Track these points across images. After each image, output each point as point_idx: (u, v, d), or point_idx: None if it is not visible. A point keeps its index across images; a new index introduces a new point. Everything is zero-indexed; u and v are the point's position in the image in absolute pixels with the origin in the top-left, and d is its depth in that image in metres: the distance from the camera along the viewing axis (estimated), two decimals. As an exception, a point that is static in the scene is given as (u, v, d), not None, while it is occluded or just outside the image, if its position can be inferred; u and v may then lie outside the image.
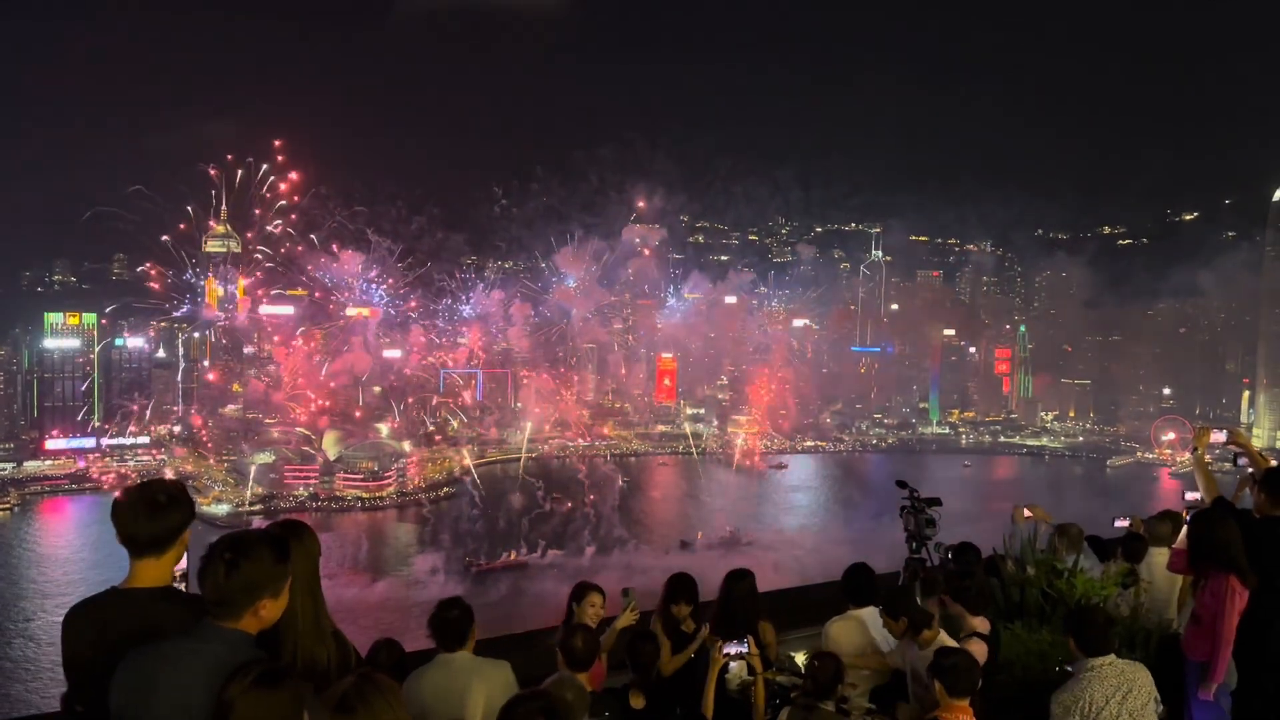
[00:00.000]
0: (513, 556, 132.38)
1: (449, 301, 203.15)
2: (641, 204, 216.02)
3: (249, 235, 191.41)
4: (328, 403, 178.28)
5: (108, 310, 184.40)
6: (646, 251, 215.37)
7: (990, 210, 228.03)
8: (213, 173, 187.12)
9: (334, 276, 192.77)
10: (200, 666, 4.54)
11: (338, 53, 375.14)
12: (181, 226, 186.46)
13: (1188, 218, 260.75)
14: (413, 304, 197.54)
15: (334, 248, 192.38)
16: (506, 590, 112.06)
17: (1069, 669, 8.02)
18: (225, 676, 4.36)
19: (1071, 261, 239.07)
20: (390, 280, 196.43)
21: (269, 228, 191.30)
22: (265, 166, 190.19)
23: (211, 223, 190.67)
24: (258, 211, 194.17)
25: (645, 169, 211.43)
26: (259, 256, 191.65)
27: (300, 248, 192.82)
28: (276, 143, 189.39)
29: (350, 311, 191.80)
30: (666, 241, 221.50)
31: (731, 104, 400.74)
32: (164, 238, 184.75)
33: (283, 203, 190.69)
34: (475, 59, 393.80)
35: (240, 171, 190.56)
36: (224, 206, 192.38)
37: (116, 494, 5.31)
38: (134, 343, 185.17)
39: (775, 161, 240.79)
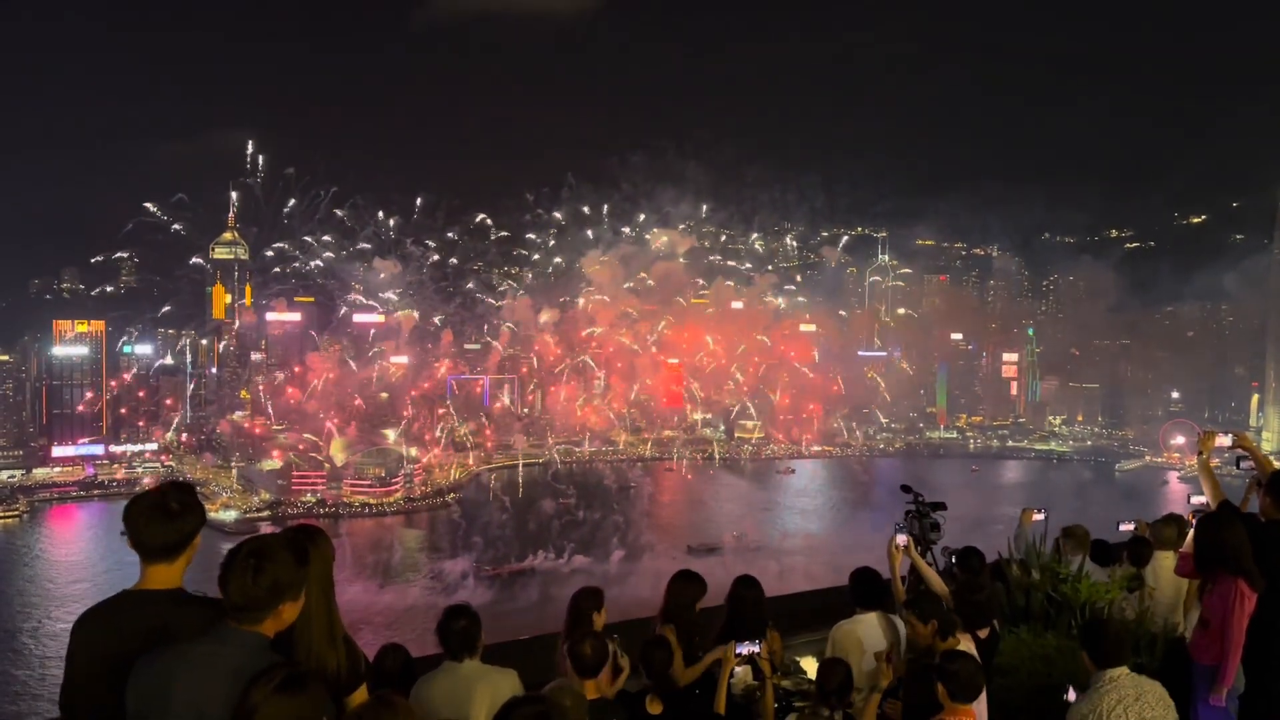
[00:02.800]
0: (532, 561, 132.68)
1: (477, 307, 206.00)
2: (704, 208, 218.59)
3: (288, 245, 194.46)
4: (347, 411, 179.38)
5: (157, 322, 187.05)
6: (681, 258, 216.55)
7: (998, 215, 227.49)
8: (256, 180, 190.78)
9: (366, 284, 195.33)
10: (220, 668, 4.60)
11: (367, 66, 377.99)
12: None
13: (1196, 221, 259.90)
14: (443, 312, 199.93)
15: (374, 261, 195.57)
16: (537, 596, 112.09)
17: (1071, 688, 7.91)
18: (244, 679, 4.41)
19: (1079, 265, 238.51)
20: (426, 287, 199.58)
21: (285, 245, 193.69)
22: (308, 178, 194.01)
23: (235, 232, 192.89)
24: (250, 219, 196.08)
25: (652, 178, 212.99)
26: (286, 265, 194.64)
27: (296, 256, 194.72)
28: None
29: (359, 318, 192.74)
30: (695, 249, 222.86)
31: (737, 109, 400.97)
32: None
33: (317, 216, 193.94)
34: (501, 67, 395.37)
35: (280, 184, 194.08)
36: (231, 213, 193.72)
37: (129, 499, 5.37)
38: (142, 349, 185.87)
39: (784, 167, 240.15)
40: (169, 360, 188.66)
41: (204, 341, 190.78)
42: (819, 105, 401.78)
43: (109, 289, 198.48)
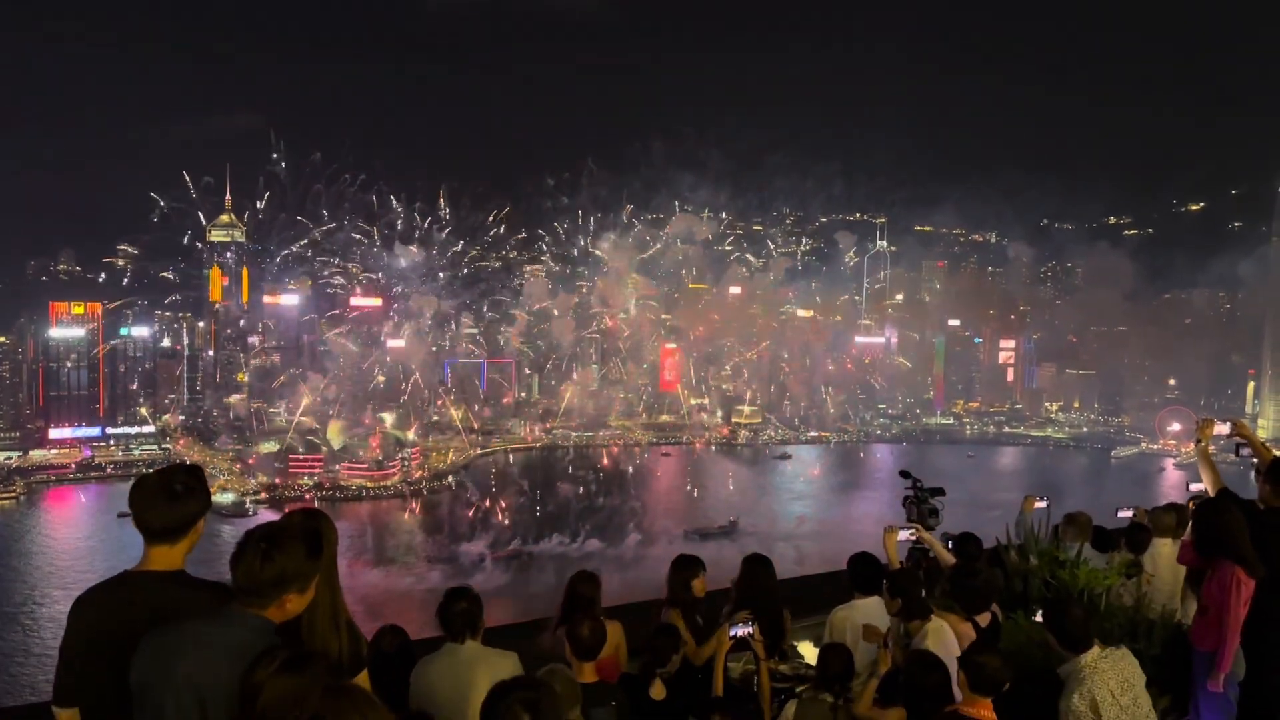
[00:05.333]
0: (528, 546, 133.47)
1: (495, 293, 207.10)
2: (715, 210, 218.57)
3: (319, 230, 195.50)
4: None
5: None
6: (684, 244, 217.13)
7: (996, 200, 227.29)
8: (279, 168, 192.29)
9: (389, 270, 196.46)
10: (224, 648, 4.61)
11: (386, 53, 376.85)
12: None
13: (1194, 208, 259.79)
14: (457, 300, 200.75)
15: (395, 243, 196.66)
16: (554, 579, 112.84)
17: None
18: (246, 660, 4.42)
19: (1077, 252, 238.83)
20: (446, 273, 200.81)
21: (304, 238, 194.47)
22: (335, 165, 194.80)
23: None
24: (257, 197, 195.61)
25: (673, 165, 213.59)
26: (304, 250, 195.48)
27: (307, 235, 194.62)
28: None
29: (357, 301, 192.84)
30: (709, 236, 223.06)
31: (737, 96, 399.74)
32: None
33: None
34: (521, 53, 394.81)
35: (308, 170, 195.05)
36: (228, 195, 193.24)
37: (135, 480, 5.38)
38: (139, 332, 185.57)
39: (781, 151, 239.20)
40: (166, 342, 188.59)
41: (200, 324, 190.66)
42: (822, 95, 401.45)
43: (112, 262, 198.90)
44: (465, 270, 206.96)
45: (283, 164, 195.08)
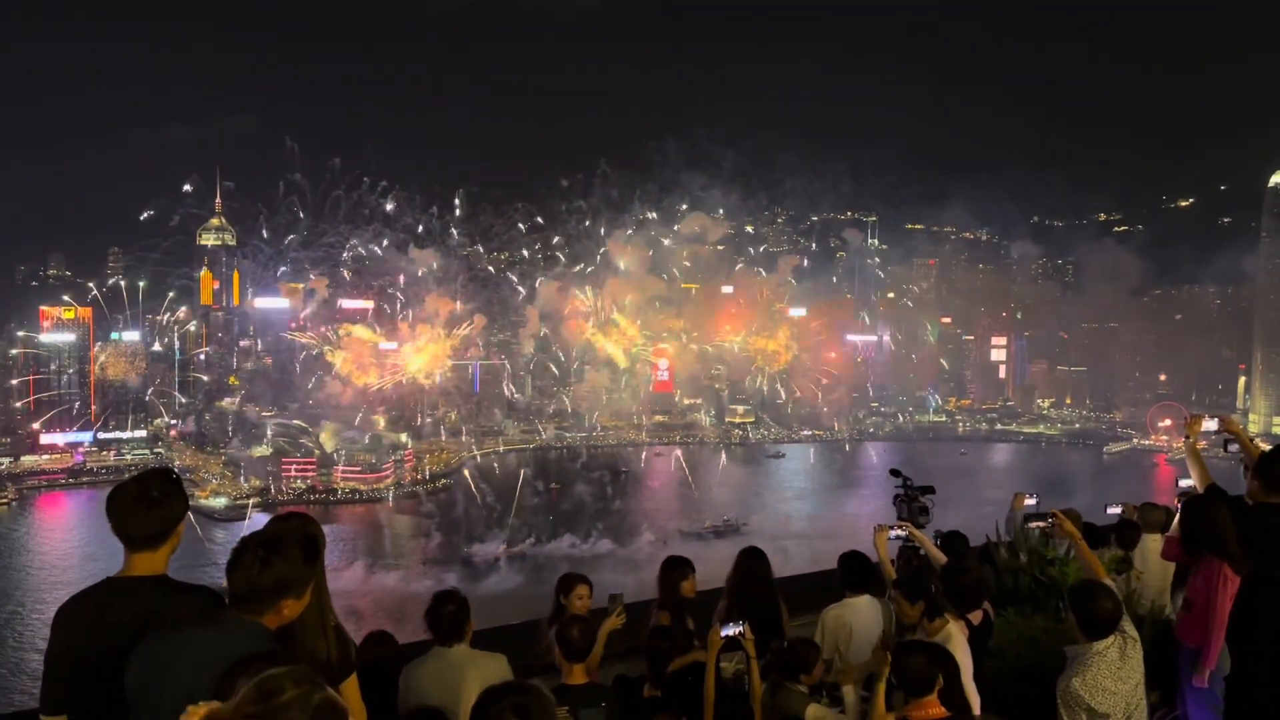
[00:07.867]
0: (524, 547, 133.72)
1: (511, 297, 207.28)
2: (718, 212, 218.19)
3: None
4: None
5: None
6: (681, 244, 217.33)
7: (987, 198, 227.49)
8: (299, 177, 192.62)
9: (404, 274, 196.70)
10: (220, 654, 4.59)
11: (402, 55, 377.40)
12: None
13: (1183, 204, 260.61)
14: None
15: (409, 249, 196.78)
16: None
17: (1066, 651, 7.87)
18: None
19: (1068, 249, 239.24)
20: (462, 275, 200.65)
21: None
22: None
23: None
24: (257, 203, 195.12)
25: (683, 166, 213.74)
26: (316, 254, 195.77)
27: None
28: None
29: (347, 304, 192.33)
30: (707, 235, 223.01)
31: (731, 93, 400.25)
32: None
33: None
34: (531, 55, 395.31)
35: (326, 179, 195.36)
36: (218, 199, 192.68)
37: (112, 488, 5.35)
38: (130, 336, 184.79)
39: (781, 150, 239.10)
40: (157, 346, 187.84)
41: (192, 328, 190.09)
42: (814, 95, 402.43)
43: (101, 266, 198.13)
44: (473, 271, 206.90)
45: (298, 173, 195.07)
